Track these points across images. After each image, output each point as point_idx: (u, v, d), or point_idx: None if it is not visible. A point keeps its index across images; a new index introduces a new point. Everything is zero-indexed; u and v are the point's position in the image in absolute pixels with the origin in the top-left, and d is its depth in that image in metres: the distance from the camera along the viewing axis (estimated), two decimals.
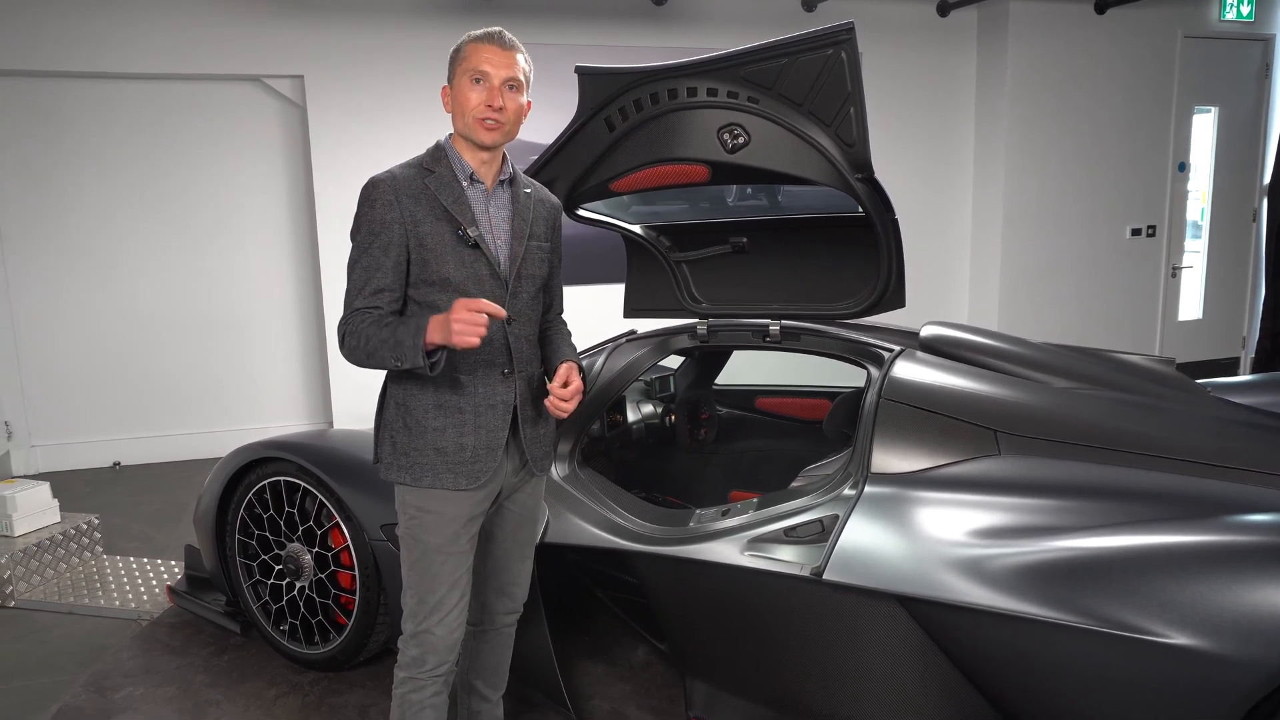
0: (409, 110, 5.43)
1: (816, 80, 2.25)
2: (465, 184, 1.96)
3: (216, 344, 5.62)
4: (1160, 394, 2.43)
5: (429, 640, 2.00)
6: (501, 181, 2.02)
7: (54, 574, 3.67)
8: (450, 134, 2.01)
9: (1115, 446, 2.18)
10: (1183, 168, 6.98)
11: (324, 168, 5.39)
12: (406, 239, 1.91)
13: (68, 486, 5.01)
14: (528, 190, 2.08)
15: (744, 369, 3.82)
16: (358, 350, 1.91)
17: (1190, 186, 7.09)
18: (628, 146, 2.57)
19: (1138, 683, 1.73)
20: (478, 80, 1.91)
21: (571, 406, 2.00)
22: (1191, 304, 7.27)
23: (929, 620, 2.00)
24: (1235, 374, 7.26)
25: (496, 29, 1.96)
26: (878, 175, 2.37)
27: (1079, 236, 6.79)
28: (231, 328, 5.64)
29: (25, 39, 4.90)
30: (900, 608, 2.03)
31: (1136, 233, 6.92)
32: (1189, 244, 7.21)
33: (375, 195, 1.92)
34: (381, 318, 1.91)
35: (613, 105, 2.51)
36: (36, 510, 3.72)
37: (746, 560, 2.24)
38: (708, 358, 3.70)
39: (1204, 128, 7.07)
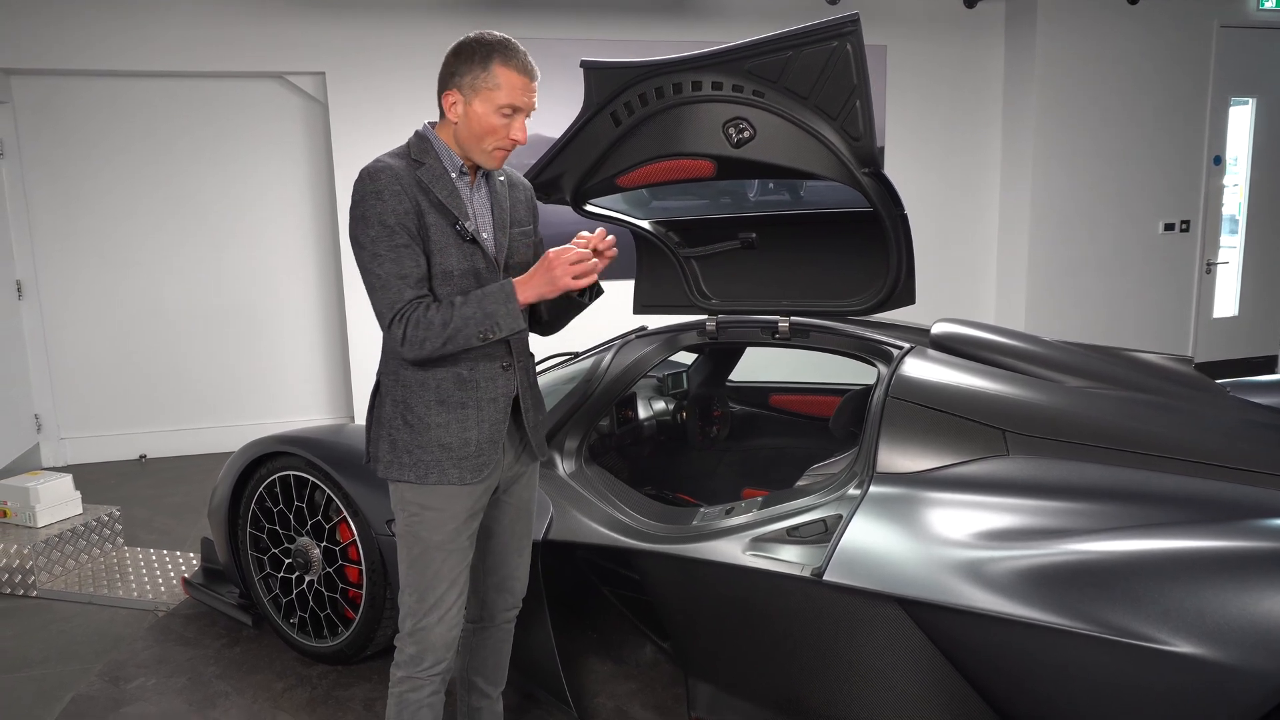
0: (430, 107, 5.38)
1: (822, 73, 2.21)
2: (454, 176, 1.95)
3: (240, 339, 5.69)
4: (1176, 394, 2.36)
5: (427, 638, 1.99)
6: (481, 173, 2.02)
7: (75, 565, 3.73)
8: (432, 123, 1.99)
9: (1127, 447, 2.13)
10: (1218, 161, 6.82)
11: (345, 164, 5.42)
12: (417, 230, 1.89)
13: (96, 479, 5.11)
14: (501, 179, 2.07)
15: (761, 365, 3.79)
16: (429, 340, 1.84)
17: (1227, 180, 6.92)
18: (634, 141, 2.54)
19: (1141, 691, 1.68)
20: (507, 114, 1.89)
21: (610, 246, 1.93)
22: (1227, 301, 7.10)
23: (930, 623, 1.96)
24: (1273, 373, 7.08)
25: (523, 52, 1.91)
26: (901, 171, 2.33)
27: (1109, 233, 6.66)
28: (254, 323, 5.70)
29: (48, 38, 4.98)
30: (901, 610, 1.99)
31: (1170, 228, 6.77)
32: (1225, 239, 7.04)
33: (381, 187, 1.87)
34: (439, 303, 1.87)
35: (618, 100, 2.48)
36: (59, 502, 3.77)
37: (748, 560, 2.21)
38: (721, 354, 3.67)
39: (1241, 119, 6.90)
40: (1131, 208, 6.67)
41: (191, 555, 3.89)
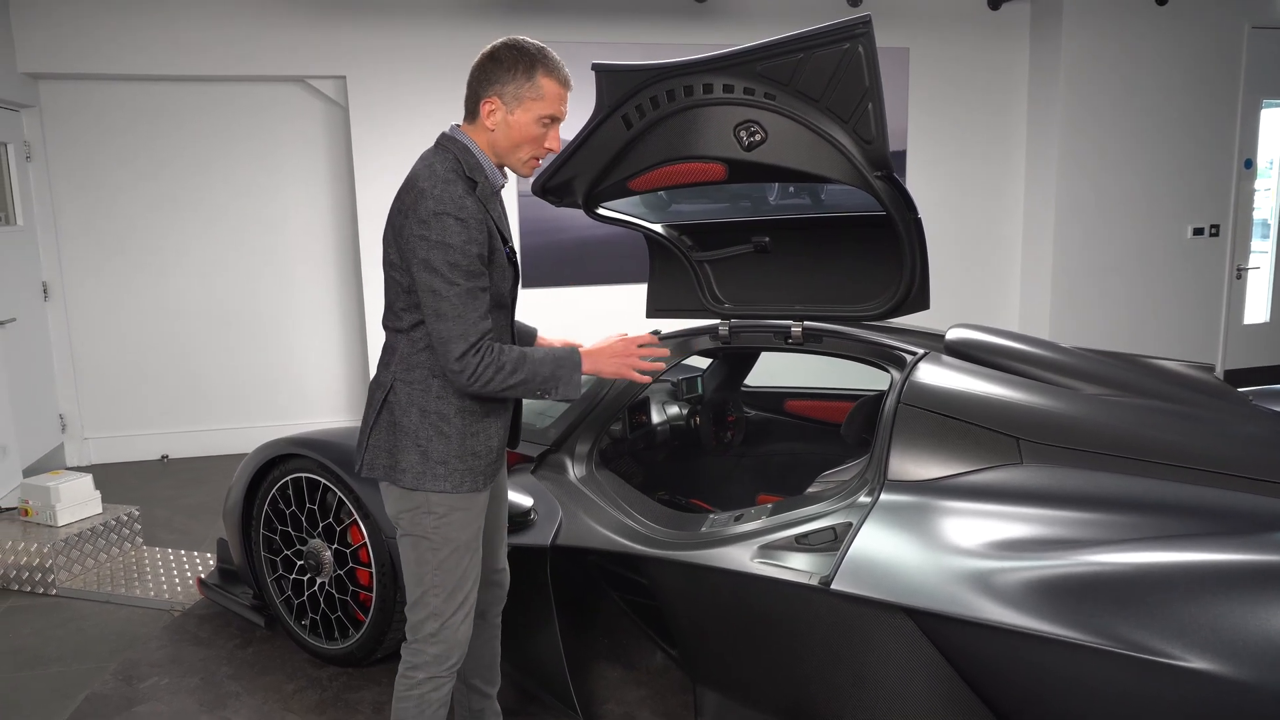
0: (450, 110, 5.47)
1: (834, 75, 2.18)
2: (493, 193, 1.96)
3: (261, 341, 5.74)
4: (1196, 402, 2.31)
5: (455, 636, 2.02)
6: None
7: (94, 564, 3.77)
8: (459, 125, 1.97)
9: (1144, 457, 2.08)
10: (1250, 164, 6.69)
11: (365, 167, 5.46)
12: (488, 257, 1.90)
13: (118, 478, 5.17)
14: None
15: (778, 371, 3.75)
16: (494, 381, 1.85)
17: (1258, 184, 6.79)
18: (645, 144, 2.53)
19: (1155, 707, 1.64)
20: (546, 124, 1.92)
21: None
22: (1258, 307, 6.97)
23: (940, 634, 1.92)
24: None
25: (561, 61, 1.94)
26: (924, 175, 2.30)
27: (1136, 237, 6.55)
28: (275, 325, 5.75)
29: (74, 43, 5.06)
30: (910, 621, 1.95)
31: (1199, 232, 6.65)
32: (1256, 244, 6.91)
33: (468, 215, 1.83)
34: (507, 347, 1.89)
35: (630, 103, 2.47)
36: (79, 501, 3.82)
37: (756, 567, 2.18)
38: (736, 359, 3.65)
39: (1274, 122, 6.77)
40: (1159, 212, 6.56)
41: (208, 555, 3.92)
